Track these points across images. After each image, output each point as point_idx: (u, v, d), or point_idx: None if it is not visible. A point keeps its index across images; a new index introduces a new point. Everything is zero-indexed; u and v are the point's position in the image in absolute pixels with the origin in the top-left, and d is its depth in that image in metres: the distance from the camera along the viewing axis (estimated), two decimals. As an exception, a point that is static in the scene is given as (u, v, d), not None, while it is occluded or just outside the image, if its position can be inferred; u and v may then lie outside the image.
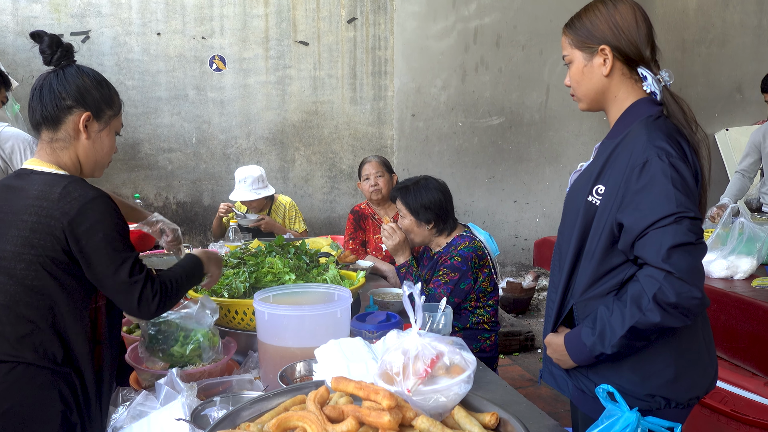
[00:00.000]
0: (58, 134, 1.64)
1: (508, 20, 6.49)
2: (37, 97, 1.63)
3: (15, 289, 1.56)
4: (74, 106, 1.63)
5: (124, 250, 1.59)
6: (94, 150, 1.69)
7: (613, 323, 1.50)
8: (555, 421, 1.74)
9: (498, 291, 2.90)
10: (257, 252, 2.49)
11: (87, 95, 1.64)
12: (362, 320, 2.05)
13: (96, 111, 1.66)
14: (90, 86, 1.65)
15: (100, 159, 1.72)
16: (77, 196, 1.55)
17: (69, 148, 1.65)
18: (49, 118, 1.62)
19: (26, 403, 1.56)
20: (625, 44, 1.59)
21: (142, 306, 1.60)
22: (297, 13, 6.02)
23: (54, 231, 1.54)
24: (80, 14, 5.61)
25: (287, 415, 1.12)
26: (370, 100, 6.28)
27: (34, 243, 1.54)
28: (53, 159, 1.65)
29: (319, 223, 6.29)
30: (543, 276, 6.68)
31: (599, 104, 1.69)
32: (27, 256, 1.55)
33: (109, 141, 1.72)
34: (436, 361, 1.17)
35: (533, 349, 5.13)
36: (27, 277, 1.55)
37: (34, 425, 1.56)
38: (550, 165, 6.81)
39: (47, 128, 1.64)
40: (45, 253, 1.54)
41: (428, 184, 2.83)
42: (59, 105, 1.61)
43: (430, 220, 2.80)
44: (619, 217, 1.51)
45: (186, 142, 5.93)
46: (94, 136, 1.67)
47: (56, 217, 1.53)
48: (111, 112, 1.70)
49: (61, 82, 1.62)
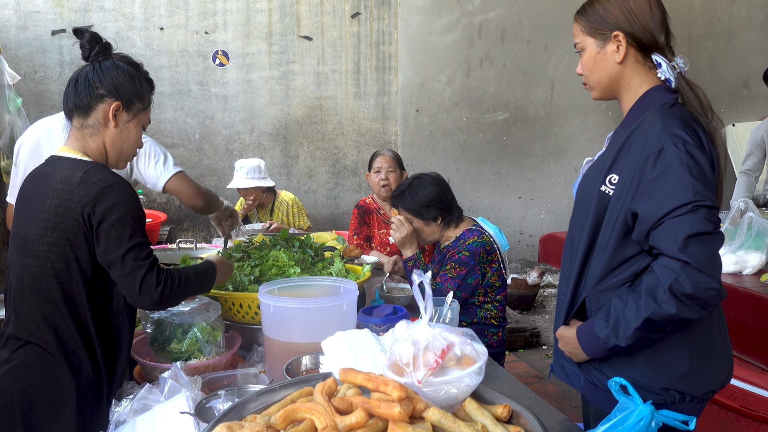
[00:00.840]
0: (89, 121, 1.71)
1: (513, 15, 6.45)
2: (72, 86, 1.71)
3: (39, 271, 1.63)
4: (106, 95, 1.70)
5: (135, 236, 1.63)
6: (121, 139, 1.76)
7: (628, 315, 1.46)
8: (564, 416, 1.71)
9: (506, 286, 2.86)
10: (262, 245, 2.46)
11: (120, 87, 1.72)
12: (368, 313, 2.02)
13: (126, 102, 1.74)
14: (123, 79, 1.73)
15: (125, 149, 1.79)
16: (96, 180, 1.62)
17: (97, 135, 1.72)
18: (82, 106, 1.70)
19: (44, 383, 1.62)
20: (639, 30, 1.56)
21: (143, 293, 1.62)
22: (300, 8, 5.99)
23: (74, 214, 1.60)
24: (83, 9, 5.59)
25: (294, 406, 1.09)
26: (374, 96, 6.25)
27: (57, 226, 1.61)
28: (81, 145, 1.72)
29: (322, 218, 6.26)
30: (548, 272, 6.65)
31: (612, 92, 1.66)
32: (50, 238, 1.62)
33: (136, 132, 1.80)
34: (447, 351, 1.14)
35: (538, 345, 5.09)
36: (49, 259, 1.62)
37: (50, 404, 1.63)
38: (555, 161, 6.77)
39: (78, 115, 1.72)
40: (67, 236, 1.61)
41: (421, 183, 2.81)
42: (92, 93, 1.69)
43: (436, 216, 2.77)
44: (634, 206, 1.47)
45: (189, 138, 5.90)
46: (122, 126, 1.75)
47: (76, 200, 1.60)
48: (140, 105, 1.78)
49: (96, 73, 1.71)
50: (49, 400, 1.63)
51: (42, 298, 1.64)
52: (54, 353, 1.64)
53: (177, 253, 3.18)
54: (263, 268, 2.28)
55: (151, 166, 2.56)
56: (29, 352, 1.64)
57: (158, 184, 2.59)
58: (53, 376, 1.63)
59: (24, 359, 1.64)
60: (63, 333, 1.64)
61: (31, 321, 1.65)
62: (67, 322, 1.64)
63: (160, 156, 2.57)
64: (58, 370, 1.64)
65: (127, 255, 1.61)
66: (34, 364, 1.63)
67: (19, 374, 1.63)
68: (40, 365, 1.63)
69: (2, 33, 5.42)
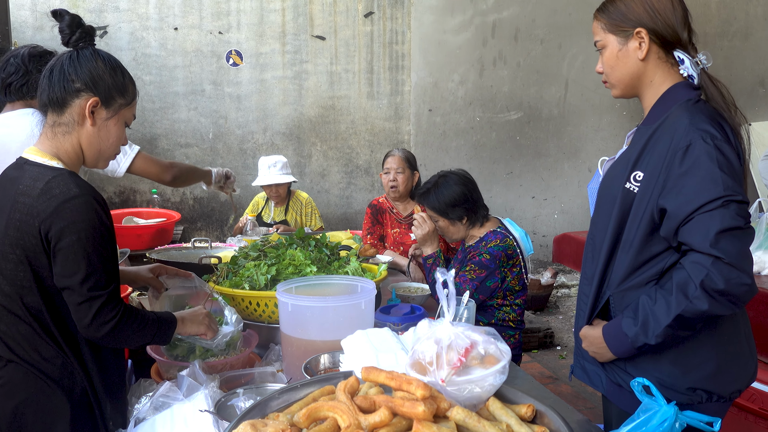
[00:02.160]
0: (62, 118, 1.53)
1: (526, 14, 6.42)
2: (46, 77, 1.53)
3: (9, 290, 1.49)
4: (83, 90, 1.52)
5: (95, 260, 1.44)
6: (99, 139, 1.57)
7: (657, 312, 1.45)
8: (584, 417, 1.69)
9: (526, 290, 2.83)
10: (278, 244, 2.46)
11: (98, 80, 1.53)
12: (386, 312, 2.02)
13: (106, 97, 1.55)
14: (103, 71, 1.54)
15: (104, 149, 1.60)
16: (57, 193, 1.44)
17: (71, 134, 1.54)
18: (55, 100, 1.52)
19: (34, 401, 1.51)
20: (662, 26, 1.54)
21: (93, 326, 1.45)
22: (314, 8, 5.99)
23: (33, 230, 1.44)
24: (98, 9, 5.63)
25: (317, 405, 1.08)
26: (387, 95, 6.25)
27: (19, 243, 1.46)
28: (52, 146, 1.54)
29: (335, 218, 6.27)
30: (561, 272, 6.61)
31: (634, 90, 1.64)
32: (13, 256, 1.47)
33: (117, 131, 1.60)
34: (470, 350, 1.13)
35: (552, 346, 5.07)
36: (17, 278, 1.48)
37: (42, 424, 1.52)
38: (568, 160, 6.73)
39: (52, 110, 1.54)
40: (29, 253, 1.46)
41: (447, 181, 2.77)
42: (67, 87, 1.51)
43: (462, 216, 2.73)
44: (662, 202, 1.46)
45: (203, 138, 5.92)
46: (101, 124, 1.55)
47: (34, 215, 1.44)
48: (122, 101, 1.59)
49: (73, 64, 1.52)
50: (40, 419, 1.51)
51: (16, 316, 1.49)
52: (40, 371, 1.50)
53: (192, 252, 3.19)
54: (280, 267, 2.28)
55: None
56: (15, 370, 1.51)
57: (120, 169, 2.45)
58: (44, 394, 1.51)
59: (11, 377, 1.50)
60: (44, 352, 1.50)
61: (11, 340, 1.51)
62: (47, 340, 1.50)
63: None
64: (47, 388, 1.51)
65: (84, 282, 1.43)
66: (22, 383, 1.50)
67: (6, 393, 1.50)
68: (28, 383, 1.50)
69: (19, 33, 5.46)
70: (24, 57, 2.41)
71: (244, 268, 2.28)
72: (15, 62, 2.39)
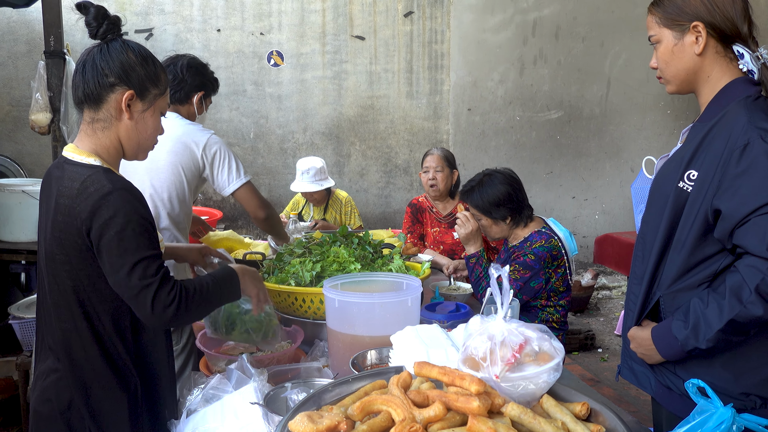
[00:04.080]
0: (99, 114, 1.52)
1: (567, 11, 6.34)
2: (80, 73, 1.52)
3: (57, 288, 1.52)
4: (117, 84, 1.50)
5: (138, 250, 1.44)
6: (137, 131, 1.56)
7: (709, 316, 1.41)
8: (634, 418, 1.66)
9: (570, 291, 2.78)
10: (322, 241, 2.48)
11: (131, 72, 1.51)
12: (432, 310, 2.01)
13: (140, 89, 1.53)
14: (134, 62, 1.52)
15: (143, 141, 1.59)
16: (93, 191, 1.44)
17: (110, 129, 1.53)
18: (91, 96, 1.51)
19: (89, 395, 1.54)
20: (720, 20, 1.50)
21: (156, 313, 1.44)
22: (354, 8, 6.03)
23: (75, 231, 1.45)
24: (144, 12, 5.76)
25: (371, 398, 1.09)
26: (426, 95, 6.24)
27: (64, 243, 1.47)
28: (92, 143, 1.54)
29: (374, 217, 6.29)
30: (602, 274, 6.50)
31: (690, 86, 1.60)
32: (60, 256, 1.49)
33: (154, 122, 1.59)
34: (524, 347, 1.13)
35: (593, 348, 4.99)
36: (62, 276, 1.50)
37: (101, 416, 1.55)
38: (610, 160, 6.62)
39: (89, 107, 1.53)
40: (73, 253, 1.47)
41: (492, 180, 2.72)
42: (101, 82, 1.49)
43: (506, 216, 2.69)
44: (716, 203, 1.42)
45: (244, 137, 6.01)
46: (137, 117, 1.55)
47: (75, 215, 1.45)
48: (156, 90, 1.57)
49: (104, 58, 1.50)
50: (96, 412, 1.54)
51: (69, 314, 1.52)
52: (93, 367, 1.53)
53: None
54: (324, 264, 2.30)
55: (224, 171, 2.59)
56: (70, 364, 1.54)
57: (227, 189, 2.60)
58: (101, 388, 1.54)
59: (66, 372, 1.54)
60: (95, 349, 1.52)
61: (65, 336, 1.54)
62: (99, 338, 1.53)
63: (233, 162, 2.60)
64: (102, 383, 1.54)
65: (132, 273, 1.42)
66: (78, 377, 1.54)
67: (62, 387, 1.54)
68: (83, 378, 1.53)
69: (69, 36, 5.61)
70: (183, 66, 2.64)
71: (289, 265, 2.31)
72: (173, 70, 2.62)
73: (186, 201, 2.56)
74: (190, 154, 2.52)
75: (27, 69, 5.60)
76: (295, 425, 1.02)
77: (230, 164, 2.59)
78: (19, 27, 5.68)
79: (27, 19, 5.65)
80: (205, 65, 2.73)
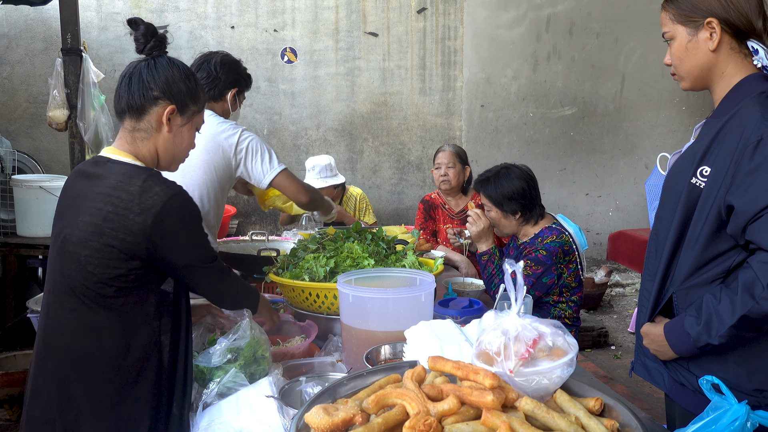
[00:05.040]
0: (141, 124, 1.62)
1: (582, 7, 6.30)
2: (125, 85, 1.62)
3: (78, 275, 1.55)
4: (160, 98, 1.60)
5: (201, 240, 1.65)
6: (174, 144, 1.66)
7: (722, 312, 1.41)
8: (647, 415, 1.66)
9: (582, 286, 2.78)
10: (336, 237, 2.50)
11: (174, 88, 1.62)
12: (445, 306, 2.02)
13: (181, 105, 1.63)
14: (178, 79, 1.63)
15: (177, 154, 1.70)
16: (159, 191, 1.53)
17: (149, 140, 1.63)
18: (134, 107, 1.60)
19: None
20: (735, 16, 1.49)
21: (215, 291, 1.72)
22: (367, 5, 6.03)
23: (130, 225, 1.51)
24: (159, 9, 5.80)
25: (386, 392, 1.10)
26: (439, 91, 6.24)
27: (104, 232, 1.52)
28: (132, 149, 1.63)
29: (386, 214, 6.30)
30: (616, 271, 6.47)
31: (704, 82, 1.59)
32: (94, 243, 1.52)
33: (189, 136, 1.70)
34: (538, 342, 1.13)
35: (606, 345, 4.97)
36: (89, 264, 1.53)
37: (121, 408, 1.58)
38: (624, 157, 6.58)
39: (131, 117, 1.62)
40: (113, 243, 1.51)
41: (509, 174, 2.73)
42: (146, 95, 1.60)
43: (516, 211, 2.70)
44: (729, 199, 1.41)
45: (258, 133, 6.01)
46: (176, 130, 1.65)
47: (135, 211, 1.51)
48: (195, 107, 1.68)
49: (150, 72, 1.61)
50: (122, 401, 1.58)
51: (82, 303, 1.56)
52: (112, 359, 1.57)
53: (250, 244, 3.28)
54: (338, 260, 2.31)
55: (258, 164, 2.61)
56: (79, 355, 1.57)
57: (264, 181, 2.63)
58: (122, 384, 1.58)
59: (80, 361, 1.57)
60: (107, 339, 1.56)
61: (80, 325, 1.57)
62: (114, 329, 1.56)
63: (266, 154, 2.62)
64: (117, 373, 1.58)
65: (201, 258, 1.63)
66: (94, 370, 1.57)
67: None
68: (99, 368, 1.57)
69: (85, 34, 5.68)
70: (216, 64, 2.63)
71: (303, 260, 2.33)
72: (207, 67, 2.62)
73: (218, 200, 2.59)
74: (222, 153, 2.54)
75: (44, 66, 5.67)
76: (311, 417, 1.04)
77: (263, 156, 2.61)
78: (37, 25, 5.75)
79: (44, 17, 5.71)
80: (237, 62, 2.72)
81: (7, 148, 4.95)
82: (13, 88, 5.79)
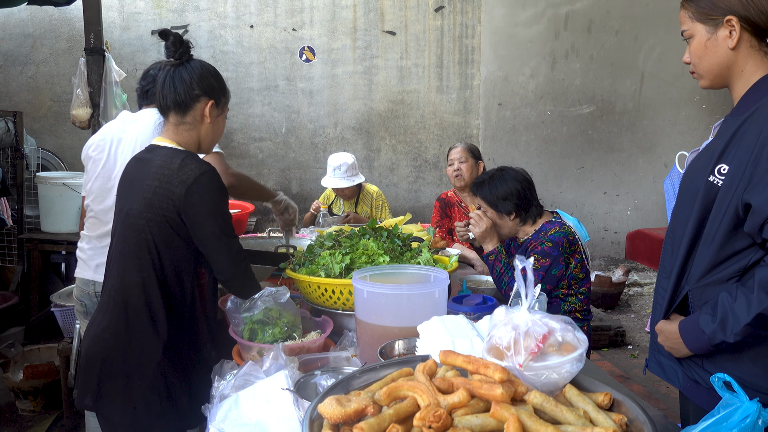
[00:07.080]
0: (186, 118, 1.93)
1: (601, 5, 6.26)
2: (169, 86, 1.91)
3: (136, 241, 1.87)
4: (201, 95, 1.92)
5: (226, 216, 1.93)
6: (213, 131, 2.00)
7: (737, 310, 1.41)
8: (660, 412, 1.67)
9: (590, 278, 2.80)
10: (351, 234, 2.52)
11: (212, 86, 1.95)
12: (459, 302, 2.04)
13: (217, 99, 1.96)
14: (213, 78, 1.96)
15: (215, 139, 2.04)
16: (194, 167, 1.85)
17: (193, 130, 1.96)
18: (180, 104, 1.91)
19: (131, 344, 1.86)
20: (755, 13, 1.48)
21: (234, 265, 1.91)
22: (384, 3, 6.05)
23: (171, 195, 1.83)
24: (180, 9, 5.88)
25: (398, 384, 1.13)
26: (456, 89, 6.24)
27: (154, 204, 1.84)
28: (177, 138, 1.95)
29: (403, 212, 6.30)
30: (634, 270, 6.43)
31: (723, 80, 1.59)
32: (148, 214, 1.86)
33: (222, 123, 2.05)
34: (548, 337, 1.15)
35: (623, 345, 4.95)
36: (144, 231, 1.86)
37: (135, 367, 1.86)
38: (643, 155, 6.53)
39: (176, 112, 1.93)
40: (162, 213, 1.84)
41: (504, 176, 2.77)
42: (190, 94, 1.91)
43: (511, 211, 2.73)
44: (747, 197, 1.41)
45: (276, 132, 6.10)
46: (214, 120, 1.98)
47: (175, 183, 1.83)
48: (225, 99, 2.02)
49: (190, 74, 1.91)
50: (139, 361, 1.86)
51: (137, 266, 1.87)
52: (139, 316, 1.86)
53: (268, 241, 3.32)
54: (354, 256, 2.34)
55: None
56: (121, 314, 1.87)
57: None
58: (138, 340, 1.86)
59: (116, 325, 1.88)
60: (151, 296, 1.86)
61: (132, 285, 1.87)
62: (157, 293, 1.86)
63: None
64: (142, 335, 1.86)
65: (222, 232, 1.88)
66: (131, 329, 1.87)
67: (109, 336, 1.88)
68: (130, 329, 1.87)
69: (107, 33, 5.78)
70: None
71: (319, 257, 2.36)
72: (153, 74, 2.83)
73: None
74: None
75: (68, 65, 5.77)
76: (325, 408, 1.07)
77: None
78: (61, 25, 5.86)
79: (68, 17, 5.81)
80: None
81: (31, 146, 5.06)
82: (38, 87, 5.90)
